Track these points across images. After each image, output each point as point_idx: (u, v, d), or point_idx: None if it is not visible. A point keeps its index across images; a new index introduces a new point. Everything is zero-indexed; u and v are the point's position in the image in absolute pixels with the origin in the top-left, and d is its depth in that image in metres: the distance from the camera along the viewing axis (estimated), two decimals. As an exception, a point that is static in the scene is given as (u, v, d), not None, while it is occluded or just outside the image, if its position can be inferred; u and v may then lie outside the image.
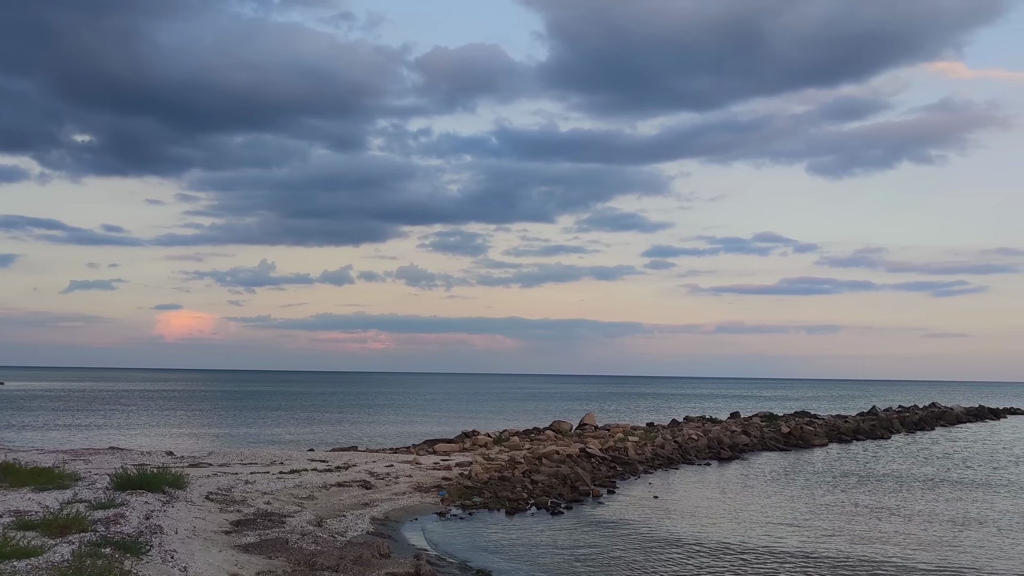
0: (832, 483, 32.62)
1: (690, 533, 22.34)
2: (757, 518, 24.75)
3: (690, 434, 43.79)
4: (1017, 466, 39.44)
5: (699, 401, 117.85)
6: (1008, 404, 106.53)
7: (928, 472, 36.61)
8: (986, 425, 72.18)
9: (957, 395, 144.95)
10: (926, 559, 19.64)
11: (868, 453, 45.29)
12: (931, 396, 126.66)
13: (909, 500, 28.71)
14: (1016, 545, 21.34)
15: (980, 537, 22.37)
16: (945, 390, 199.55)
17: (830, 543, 21.32)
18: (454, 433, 45.74)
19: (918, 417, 67.92)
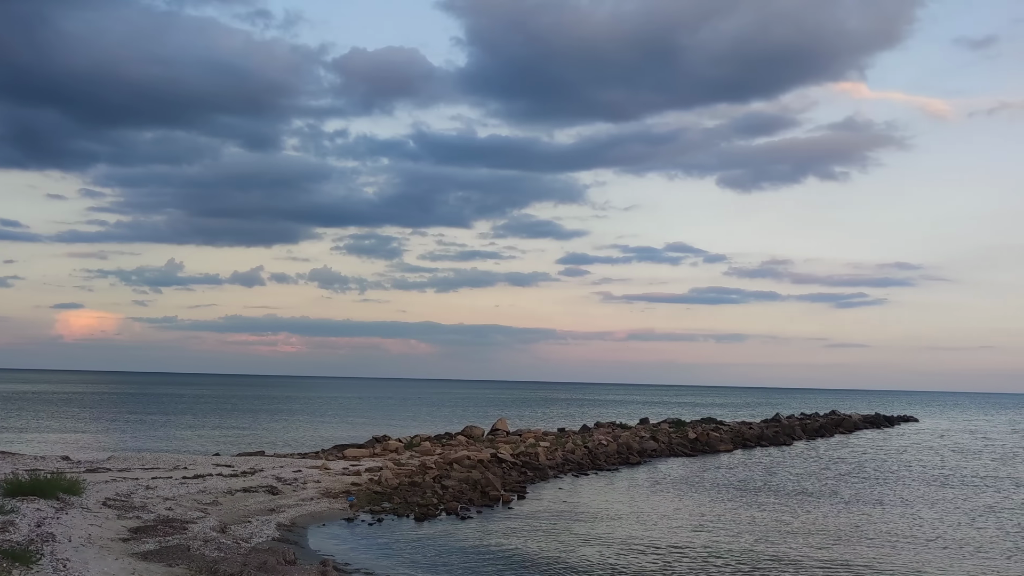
0: (736, 487, 33.55)
1: (598, 537, 22.67)
2: (663, 521, 25.28)
3: (600, 440, 44.39)
4: (909, 470, 41.27)
5: (610, 407, 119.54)
6: (902, 412, 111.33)
7: (826, 476, 37.99)
8: (882, 432, 75.28)
9: (856, 403, 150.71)
10: (823, 556, 20.39)
11: (771, 458, 46.73)
12: (832, 404, 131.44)
13: (807, 503, 29.74)
14: (905, 542, 22.35)
15: (873, 534, 23.35)
16: (845, 398, 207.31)
17: (733, 543, 21.94)
18: (365, 438, 45.27)
19: (819, 424, 70.40)
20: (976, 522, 26.59)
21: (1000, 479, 38.84)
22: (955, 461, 47.55)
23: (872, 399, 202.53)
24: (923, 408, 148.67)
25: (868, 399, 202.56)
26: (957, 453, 53.39)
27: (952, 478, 38.74)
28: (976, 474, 40.83)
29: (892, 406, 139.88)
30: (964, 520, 26.91)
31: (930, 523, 26.18)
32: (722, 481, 35.73)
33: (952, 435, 73.29)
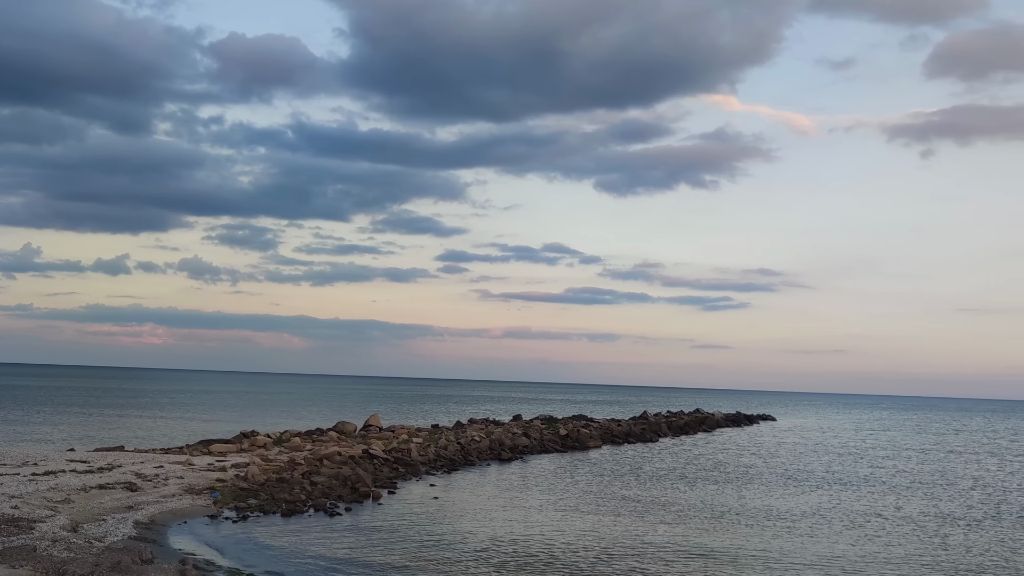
0: (603, 482, 34.48)
1: (468, 532, 22.89)
2: (532, 515, 25.75)
3: (473, 436, 44.71)
4: (765, 465, 43.42)
5: (485, 404, 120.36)
6: (761, 411, 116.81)
7: (688, 472, 39.53)
8: (742, 430, 78.80)
9: (719, 402, 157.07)
10: (684, 546, 21.28)
11: (637, 454, 48.21)
12: (697, 403, 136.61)
13: (670, 497, 30.88)
14: (761, 531, 23.58)
15: (731, 524, 24.52)
16: (709, 397, 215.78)
17: (599, 535, 22.59)
18: (233, 433, 44.02)
19: (683, 422, 73.06)
20: (822, 512, 28.28)
21: (847, 473, 41.37)
22: (807, 457, 50.32)
23: (735, 398, 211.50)
24: (781, 407, 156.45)
25: (731, 398, 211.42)
26: (809, 449, 56.52)
27: (803, 472, 41.01)
28: (827, 469, 43.37)
29: (752, 405, 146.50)
30: (812, 510, 28.56)
31: (783, 514, 27.67)
32: (591, 476, 36.65)
33: (805, 432, 77.50)
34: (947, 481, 39.88)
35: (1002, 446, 68.30)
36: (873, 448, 60.32)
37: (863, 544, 23.24)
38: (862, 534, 24.79)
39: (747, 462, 45.80)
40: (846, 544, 23.17)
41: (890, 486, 37.07)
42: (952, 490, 36.47)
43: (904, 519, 27.87)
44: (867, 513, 28.85)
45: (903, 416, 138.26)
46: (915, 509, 30.25)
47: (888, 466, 46.49)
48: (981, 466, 48.72)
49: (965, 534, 25.48)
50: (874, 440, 70.00)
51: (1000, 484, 39.49)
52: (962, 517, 28.75)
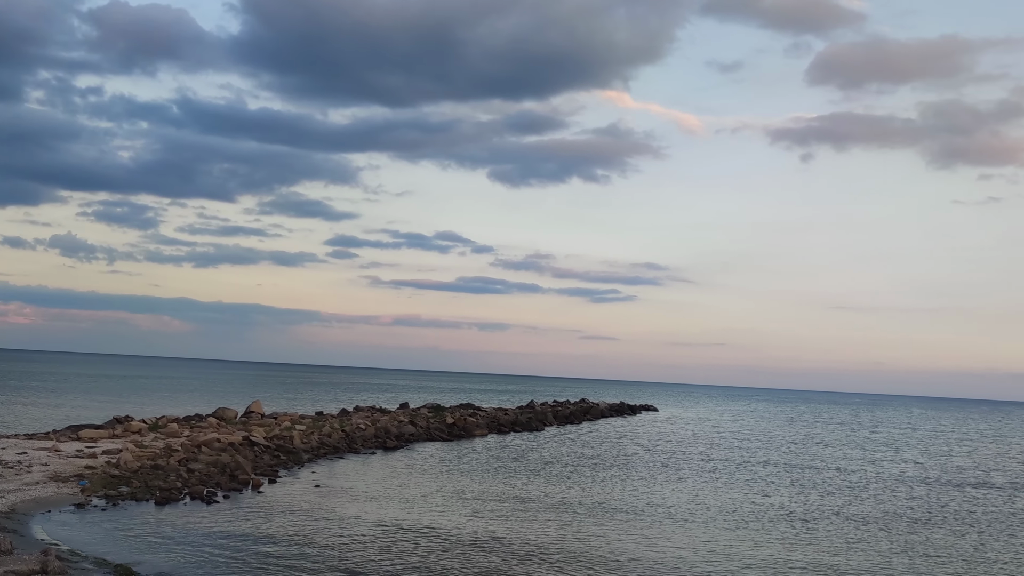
0: (488, 470, 34.75)
1: (349, 519, 22.71)
2: (415, 503, 25.74)
3: (358, 423, 44.28)
4: (647, 453, 44.66)
5: (372, 391, 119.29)
6: (645, 402, 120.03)
7: (571, 459, 40.27)
8: (625, 419, 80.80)
9: (605, 392, 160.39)
10: (569, 530, 21.70)
11: (523, 443, 48.79)
12: (583, 392, 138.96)
13: (553, 483, 31.41)
14: (639, 517, 24.28)
15: (610, 510, 25.15)
16: (596, 387, 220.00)
17: (482, 522, 22.78)
18: (104, 419, 42.21)
19: (569, 411, 74.36)
20: (699, 499, 29.32)
21: (722, 462, 42.98)
22: (685, 446, 52.02)
23: (620, 389, 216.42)
24: (663, 398, 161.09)
25: (617, 389, 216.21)
26: (687, 439, 58.44)
27: (680, 461, 42.38)
28: (703, 456, 44.94)
29: (637, 396, 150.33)
30: (689, 497, 29.58)
31: (660, 499, 28.54)
32: (475, 464, 36.88)
33: (685, 423, 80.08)
34: (815, 470, 41.97)
35: (864, 437, 72.35)
36: (748, 439, 62.85)
37: (736, 530, 24.23)
38: (736, 520, 25.83)
39: (628, 451, 47.00)
40: (720, 529, 24.11)
41: (762, 475, 38.72)
42: (818, 479, 38.40)
43: (773, 507, 29.18)
44: (740, 500, 30.06)
45: (777, 408, 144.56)
46: (783, 497, 31.71)
47: (761, 456, 48.54)
48: (846, 456, 51.47)
49: (829, 520, 26.89)
50: (749, 431, 72.94)
51: (861, 473, 41.82)
52: (826, 505, 30.33)
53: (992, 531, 26.32)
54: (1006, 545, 24.06)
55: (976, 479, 41.38)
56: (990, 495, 35.37)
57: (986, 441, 75.93)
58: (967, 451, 60.99)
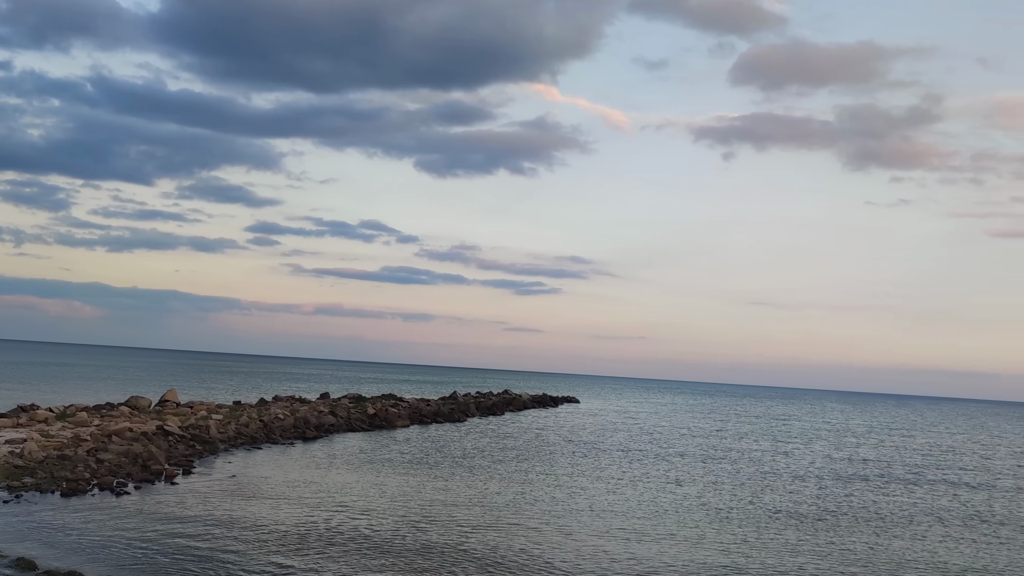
0: (408, 461, 34.62)
1: (265, 510, 22.36)
2: (334, 494, 25.49)
3: (277, 413, 43.61)
4: (567, 443, 45.13)
5: (293, 381, 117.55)
6: (567, 394, 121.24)
7: (492, 450, 40.43)
8: (547, 411, 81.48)
9: (529, 384, 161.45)
10: (490, 518, 21.78)
11: (445, 434, 48.77)
12: (506, 384, 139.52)
13: (473, 474, 31.48)
14: (557, 506, 24.54)
15: (530, 500, 25.35)
16: (519, 379, 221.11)
17: (402, 513, 22.69)
18: (9, 407, 40.59)
19: (491, 402, 74.59)
20: (618, 489, 29.78)
21: (641, 452, 43.73)
22: (605, 437, 52.74)
23: (543, 380, 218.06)
24: (586, 390, 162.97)
25: (540, 380, 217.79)
26: (607, 430, 59.27)
27: (600, 451, 42.96)
28: (623, 447, 45.62)
29: (560, 388, 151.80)
30: (608, 487, 30.02)
31: (580, 489, 28.90)
32: (396, 455, 36.72)
33: (605, 415, 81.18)
34: (729, 461, 43.04)
35: (776, 428, 74.51)
36: (666, 431, 64.07)
37: (655, 518, 24.70)
38: (654, 509, 26.33)
39: (549, 442, 47.43)
40: (637, 519, 24.54)
41: (678, 466, 39.53)
42: (732, 470, 39.39)
43: (689, 496, 29.83)
44: (656, 491, 30.65)
45: (696, 401, 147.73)
46: (698, 487, 32.44)
47: (678, 447, 49.55)
48: (759, 448, 52.90)
49: (742, 509, 27.63)
50: (668, 423, 74.36)
51: (770, 462, 43.06)
52: (739, 495, 31.15)
53: (891, 520, 27.44)
54: (902, 533, 25.12)
55: (879, 470, 43.04)
56: (890, 485, 36.85)
57: (892, 434, 79.01)
58: (874, 444, 63.37)
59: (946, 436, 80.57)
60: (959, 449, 63.18)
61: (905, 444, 65.00)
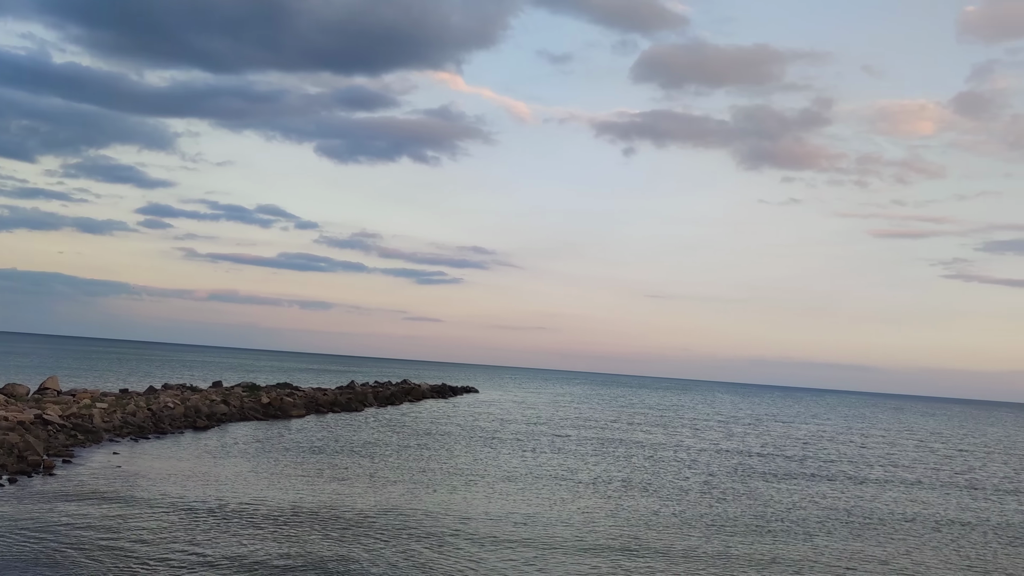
0: (302, 451, 34.14)
1: (151, 501, 21.71)
2: (225, 484, 24.93)
3: (167, 402, 42.28)
4: (466, 432, 45.34)
5: (184, 369, 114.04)
6: (467, 384, 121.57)
7: (388, 440, 40.27)
8: (447, 401, 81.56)
9: (428, 374, 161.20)
10: (385, 506, 21.71)
11: (341, 423, 48.27)
12: (406, 374, 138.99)
13: (370, 462, 31.29)
14: (454, 491, 24.67)
15: (429, 487, 25.39)
16: (420, 369, 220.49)
17: (299, 502, 22.38)
18: None
19: (390, 392, 74.19)
20: (515, 476, 30.13)
21: (537, 441, 44.32)
22: (502, 426, 53.21)
23: (444, 370, 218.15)
24: (486, 380, 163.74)
25: (440, 370, 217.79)
26: (505, 420, 59.79)
27: (496, 440, 43.34)
28: (518, 436, 46.12)
29: (459, 378, 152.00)
30: (505, 475, 30.34)
31: (477, 477, 29.10)
32: (291, 444, 36.16)
33: (503, 405, 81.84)
34: (624, 448, 44.06)
35: (669, 417, 76.66)
36: (562, 420, 65.10)
37: (550, 505, 25.10)
38: (549, 496, 26.75)
39: (446, 431, 47.55)
40: (534, 506, 24.90)
41: (574, 455, 40.26)
42: (625, 456, 40.36)
43: (584, 483, 30.44)
44: (553, 477, 31.14)
45: (593, 391, 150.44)
46: (593, 473, 33.13)
47: (573, 436, 50.43)
48: (651, 436, 54.34)
49: (633, 495, 28.39)
50: (564, 413, 75.55)
51: (661, 450, 44.32)
52: (628, 480, 31.97)
53: (772, 502, 28.68)
54: (784, 515, 26.31)
55: (763, 457, 44.85)
56: (773, 471, 38.45)
57: (775, 423, 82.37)
58: (759, 432, 65.92)
59: (825, 425, 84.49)
60: (837, 438, 66.37)
61: (788, 433, 67.86)
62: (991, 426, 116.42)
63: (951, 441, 73.44)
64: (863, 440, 65.86)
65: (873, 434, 75.30)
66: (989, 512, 30.98)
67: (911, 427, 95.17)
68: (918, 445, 64.66)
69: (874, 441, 65.81)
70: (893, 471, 43.21)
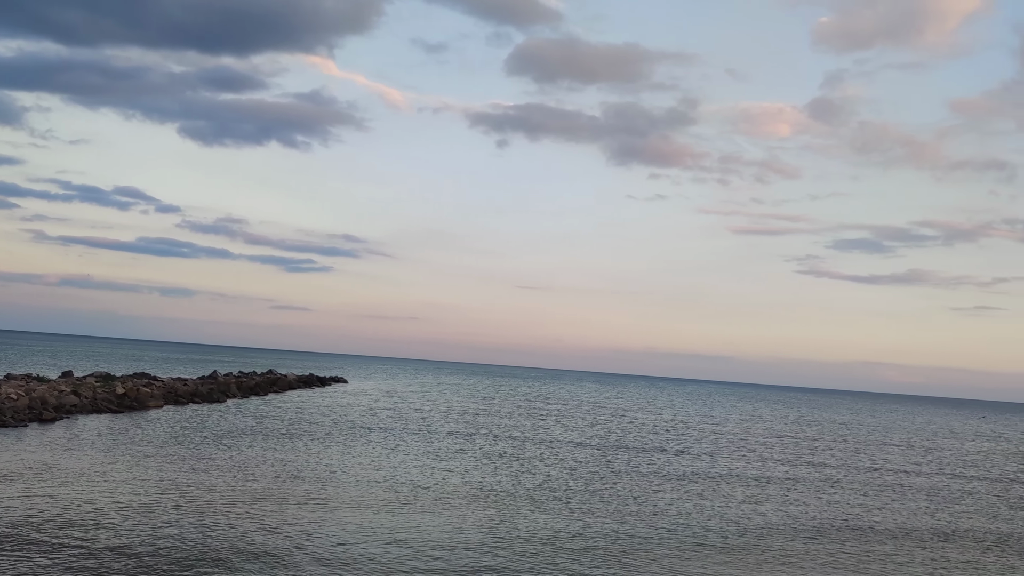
0: (160, 442, 32.91)
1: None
2: (72, 479, 23.79)
3: (9, 393, 39.82)
4: (333, 423, 44.78)
5: (32, 358, 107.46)
6: (336, 374, 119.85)
7: (255, 430, 39.31)
8: (314, 391, 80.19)
9: (296, 364, 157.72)
10: (249, 496, 21.21)
11: (202, 414, 46.75)
12: (273, 364, 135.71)
13: (229, 452, 30.48)
14: (320, 481, 24.39)
15: (293, 477, 24.98)
16: (287, 359, 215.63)
17: (148, 497, 21.59)
18: None
19: (255, 382, 72.29)
20: (381, 466, 30.04)
21: (408, 430, 44.30)
22: (369, 416, 52.87)
23: (312, 360, 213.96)
24: (355, 371, 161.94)
25: (308, 360, 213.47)
26: (373, 410, 59.42)
27: (363, 430, 43.05)
28: (386, 426, 45.97)
29: (329, 368, 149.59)
30: (371, 464, 30.21)
31: (342, 467, 28.84)
32: (146, 436, 34.78)
33: (372, 395, 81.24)
34: (491, 437, 44.61)
35: (537, 406, 78.08)
36: (432, 410, 65.28)
37: (417, 491, 25.21)
38: (416, 484, 26.84)
39: (312, 421, 46.87)
40: (400, 494, 24.95)
41: (442, 444, 40.49)
42: (491, 444, 40.90)
43: (450, 470, 30.70)
44: (420, 466, 31.25)
45: (465, 381, 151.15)
46: (461, 462, 33.46)
47: (444, 425, 50.69)
48: (518, 424, 55.22)
49: (501, 480, 28.85)
50: (433, 403, 75.73)
51: (527, 437, 45.16)
52: (496, 467, 32.47)
53: (630, 480, 29.78)
54: (639, 491, 27.39)
55: (624, 441, 46.41)
56: (631, 453, 39.88)
57: (639, 413, 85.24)
58: (627, 420, 68.06)
59: (683, 412, 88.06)
60: (695, 424, 69.30)
61: (654, 420, 70.35)
62: (836, 413, 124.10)
63: (794, 426, 78.02)
64: (717, 426, 69.00)
65: (727, 419, 78.97)
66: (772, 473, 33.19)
67: (760, 414, 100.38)
68: (766, 430, 68.33)
69: (729, 427, 69.05)
70: (739, 453, 45.56)
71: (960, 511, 30.93)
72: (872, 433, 76.81)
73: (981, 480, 42.48)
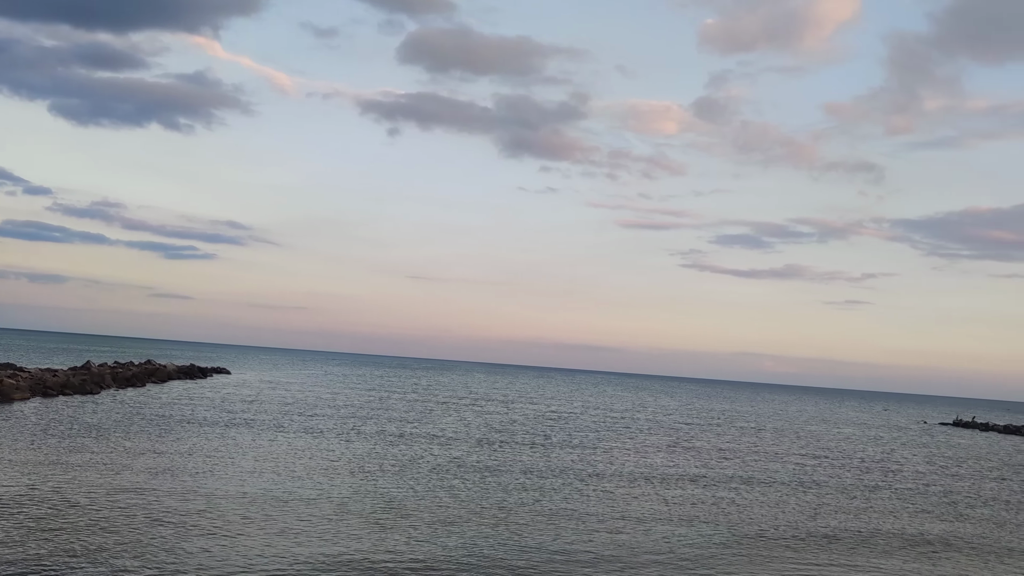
0: (26, 436, 31.43)
1: None
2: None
3: None
4: (211, 414, 43.69)
5: None
6: (219, 364, 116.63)
7: (130, 422, 37.96)
8: (195, 382, 77.85)
9: (176, 354, 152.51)
10: (126, 488, 20.55)
11: (72, 407, 44.79)
12: (151, 354, 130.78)
13: (106, 443, 29.43)
14: (197, 471, 23.85)
15: (171, 470, 24.31)
16: (167, 348, 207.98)
17: (14, 496, 20.66)
18: None
19: (132, 373, 69.60)
20: (263, 457, 29.57)
21: (290, 422, 43.66)
22: (251, 407, 51.84)
23: (193, 350, 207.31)
24: (239, 361, 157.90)
25: (191, 350, 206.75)
26: (255, 401, 58.26)
27: (243, 422, 42.21)
28: (268, 418, 45.19)
29: (211, 358, 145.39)
30: (252, 456, 29.70)
31: (222, 461, 28.24)
32: (9, 430, 33.13)
33: (255, 386, 79.54)
34: (376, 427, 44.51)
35: (424, 398, 78.19)
36: (316, 402, 64.54)
37: (299, 481, 24.96)
38: (297, 476, 26.57)
39: (192, 412, 45.64)
40: (281, 486, 24.66)
41: (326, 435, 40.14)
42: (376, 435, 40.82)
43: (336, 460, 30.52)
44: (300, 458, 30.92)
45: (352, 372, 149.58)
46: (344, 453, 33.29)
47: (327, 416, 50.21)
48: (403, 415, 55.23)
49: (386, 472, 28.89)
50: (318, 393, 74.81)
51: (412, 428, 45.28)
52: (381, 457, 32.48)
53: (517, 473, 30.33)
54: (527, 484, 27.97)
55: (511, 433, 47.13)
56: (519, 445, 40.57)
57: (527, 403, 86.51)
58: (516, 410, 68.97)
59: (569, 402, 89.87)
60: (579, 414, 70.88)
61: (539, 410, 71.52)
62: (719, 402, 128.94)
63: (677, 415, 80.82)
64: (599, 415, 70.75)
65: (612, 408, 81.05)
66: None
67: (644, 403, 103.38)
68: (649, 418, 70.50)
69: (613, 416, 70.90)
70: (622, 440, 46.95)
71: (824, 492, 32.88)
72: (749, 421, 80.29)
73: (841, 461, 45.10)
